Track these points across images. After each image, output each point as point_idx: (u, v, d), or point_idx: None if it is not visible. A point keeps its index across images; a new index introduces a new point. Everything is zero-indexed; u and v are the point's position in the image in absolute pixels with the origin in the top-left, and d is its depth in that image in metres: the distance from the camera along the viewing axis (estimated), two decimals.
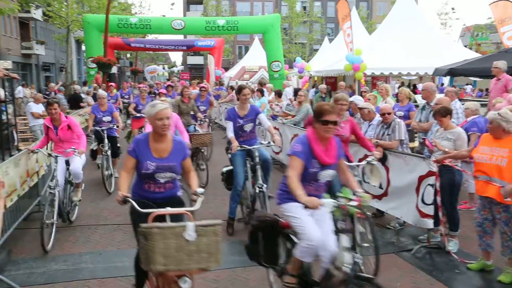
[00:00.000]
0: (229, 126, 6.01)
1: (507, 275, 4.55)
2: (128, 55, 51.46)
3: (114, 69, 22.58)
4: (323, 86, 14.63)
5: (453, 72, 11.94)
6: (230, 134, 5.95)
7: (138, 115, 10.72)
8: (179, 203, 3.74)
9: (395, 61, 14.72)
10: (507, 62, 8.84)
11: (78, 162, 6.30)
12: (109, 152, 8.47)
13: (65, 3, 26.91)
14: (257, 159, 5.84)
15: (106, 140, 8.46)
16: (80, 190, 6.63)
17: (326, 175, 3.65)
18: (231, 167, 6.19)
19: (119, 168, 8.16)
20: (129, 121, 13.50)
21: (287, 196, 3.61)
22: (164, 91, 12.89)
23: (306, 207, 3.28)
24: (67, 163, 6.27)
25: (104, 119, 8.74)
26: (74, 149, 6.21)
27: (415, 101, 12.42)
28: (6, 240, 5.30)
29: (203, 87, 11.53)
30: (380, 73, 15.23)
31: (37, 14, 36.02)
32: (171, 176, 3.69)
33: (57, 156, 6.12)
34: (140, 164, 3.62)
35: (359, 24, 19.78)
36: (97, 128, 8.61)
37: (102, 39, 20.49)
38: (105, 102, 8.92)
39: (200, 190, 3.54)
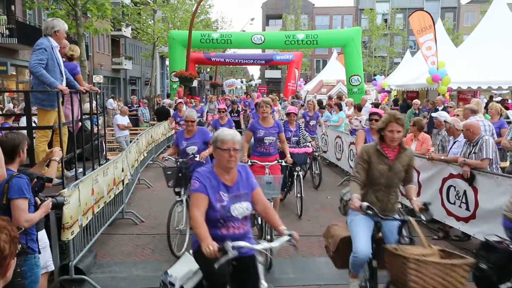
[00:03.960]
0: None
1: None
2: (208, 69, 53.33)
3: (195, 83, 23.48)
4: (417, 101, 13.56)
5: None
6: None
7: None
8: None
9: (484, 74, 13.79)
10: None
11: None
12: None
13: (152, 21, 28.56)
14: None
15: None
16: None
17: None
18: None
19: None
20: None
21: None
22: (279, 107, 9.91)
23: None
24: None
25: (189, 149, 6.23)
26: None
27: (507, 117, 11.58)
28: (93, 244, 5.64)
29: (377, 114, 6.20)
30: (467, 87, 14.35)
31: (126, 32, 38.66)
32: None
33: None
34: None
35: (444, 36, 18.84)
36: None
37: (185, 54, 21.40)
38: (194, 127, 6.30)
39: None
